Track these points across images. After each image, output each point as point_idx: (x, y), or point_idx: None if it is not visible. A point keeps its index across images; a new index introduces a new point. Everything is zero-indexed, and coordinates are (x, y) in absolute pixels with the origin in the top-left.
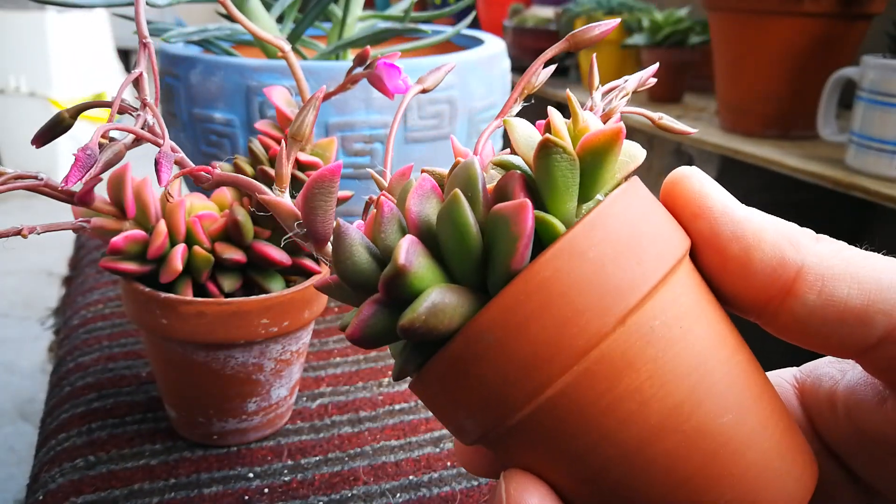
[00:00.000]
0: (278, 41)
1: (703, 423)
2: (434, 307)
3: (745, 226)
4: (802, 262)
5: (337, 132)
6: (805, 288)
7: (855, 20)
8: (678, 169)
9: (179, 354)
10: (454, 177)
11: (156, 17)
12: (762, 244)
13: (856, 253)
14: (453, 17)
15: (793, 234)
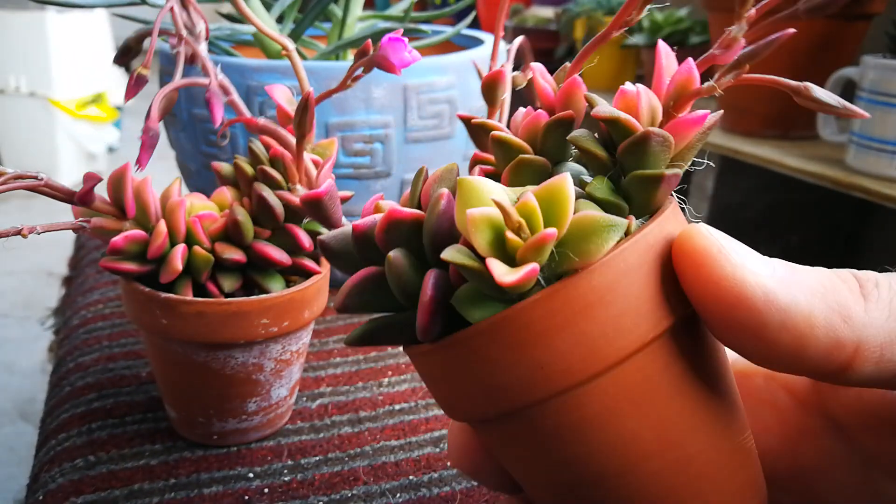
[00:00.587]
0: (283, 40)
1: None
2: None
3: (793, 313)
4: (858, 339)
5: (337, 132)
6: (862, 361)
7: (855, 20)
8: (692, 234)
9: (179, 354)
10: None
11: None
12: (815, 330)
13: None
14: (453, 17)
15: (843, 308)
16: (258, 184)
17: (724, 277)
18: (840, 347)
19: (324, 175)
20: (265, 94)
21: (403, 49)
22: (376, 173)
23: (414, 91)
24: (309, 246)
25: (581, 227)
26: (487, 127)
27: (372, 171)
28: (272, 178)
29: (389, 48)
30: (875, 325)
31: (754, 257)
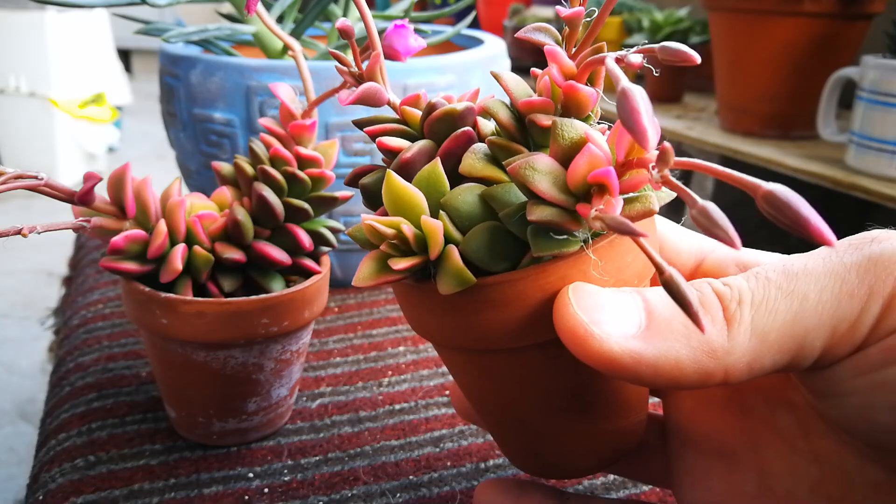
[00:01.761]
0: (290, 41)
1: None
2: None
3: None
4: (725, 367)
5: (337, 132)
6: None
7: (855, 20)
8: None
9: (179, 354)
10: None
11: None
12: (684, 371)
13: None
14: (453, 17)
15: (706, 345)
16: (258, 184)
17: (593, 353)
18: (710, 376)
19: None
20: (265, 94)
21: (408, 36)
22: None
23: (414, 91)
24: (309, 246)
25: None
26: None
27: None
28: (272, 177)
29: (395, 36)
30: (738, 349)
31: (617, 320)
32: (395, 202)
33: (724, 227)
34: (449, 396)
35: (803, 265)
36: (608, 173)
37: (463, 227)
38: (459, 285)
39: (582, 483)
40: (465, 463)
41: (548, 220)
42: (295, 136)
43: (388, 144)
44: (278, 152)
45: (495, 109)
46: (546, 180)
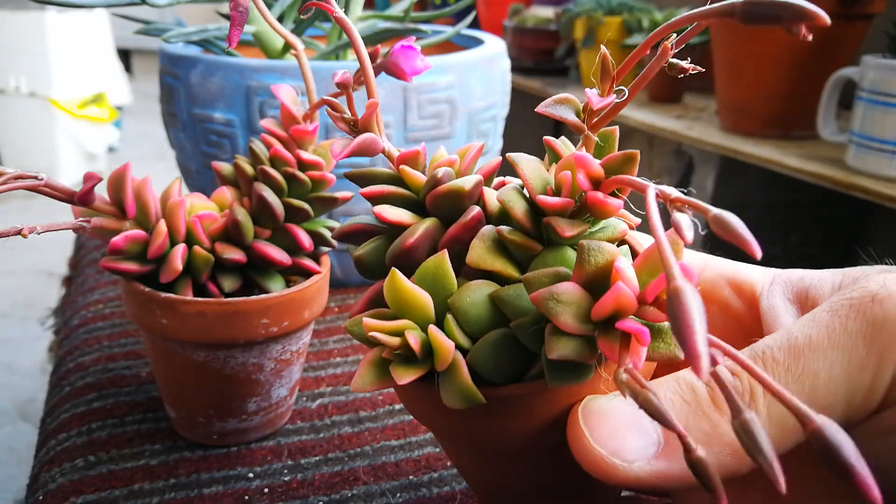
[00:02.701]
0: (293, 40)
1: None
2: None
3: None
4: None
5: (337, 133)
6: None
7: (855, 20)
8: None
9: (179, 354)
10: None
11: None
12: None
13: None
14: (453, 17)
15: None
16: (258, 184)
17: (620, 480)
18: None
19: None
20: (265, 94)
21: (416, 57)
22: None
23: (414, 91)
24: (309, 246)
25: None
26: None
27: None
28: (272, 178)
29: (402, 56)
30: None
31: (635, 444)
32: (399, 303)
33: (743, 236)
34: None
35: (807, 339)
36: (640, 332)
37: (470, 331)
38: (466, 403)
39: None
40: None
41: (569, 356)
42: (296, 139)
43: (388, 218)
44: (278, 153)
45: (511, 205)
46: (569, 313)
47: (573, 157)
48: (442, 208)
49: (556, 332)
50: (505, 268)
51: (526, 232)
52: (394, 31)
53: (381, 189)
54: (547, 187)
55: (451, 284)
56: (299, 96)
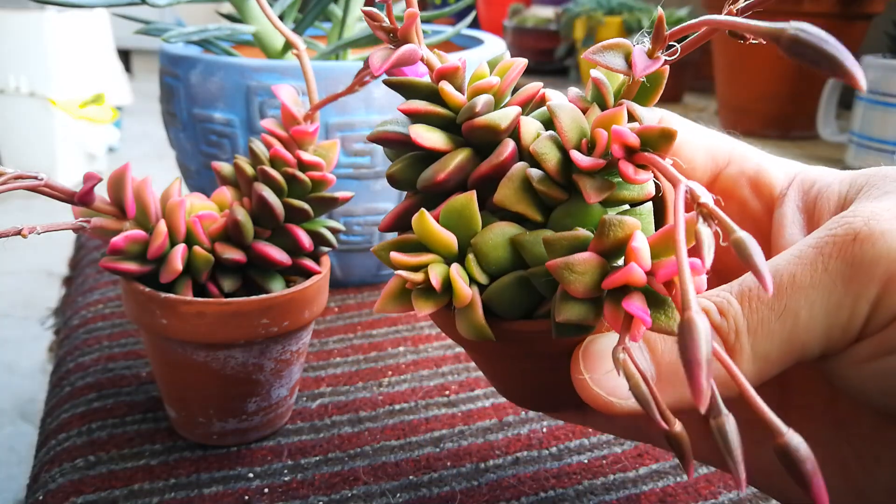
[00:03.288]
0: (295, 39)
1: None
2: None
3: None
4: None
5: (337, 132)
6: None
7: (855, 20)
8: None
9: (179, 354)
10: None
11: (156, 17)
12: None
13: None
14: (453, 17)
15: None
16: (258, 184)
17: (617, 413)
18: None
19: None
20: (265, 94)
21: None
22: (376, 173)
23: None
24: (309, 246)
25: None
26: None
27: (372, 171)
28: (272, 178)
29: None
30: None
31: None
32: (425, 238)
33: (759, 268)
34: (448, 396)
35: (791, 277)
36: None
37: (490, 270)
38: (478, 337)
39: (582, 483)
40: (465, 463)
41: (576, 321)
42: (297, 139)
43: (423, 143)
44: (278, 153)
45: (545, 157)
46: (581, 282)
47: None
48: (477, 139)
49: (566, 298)
50: (530, 211)
51: (555, 182)
52: None
53: (417, 107)
54: (583, 140)
55: (475, 224)
56: (300, 96)
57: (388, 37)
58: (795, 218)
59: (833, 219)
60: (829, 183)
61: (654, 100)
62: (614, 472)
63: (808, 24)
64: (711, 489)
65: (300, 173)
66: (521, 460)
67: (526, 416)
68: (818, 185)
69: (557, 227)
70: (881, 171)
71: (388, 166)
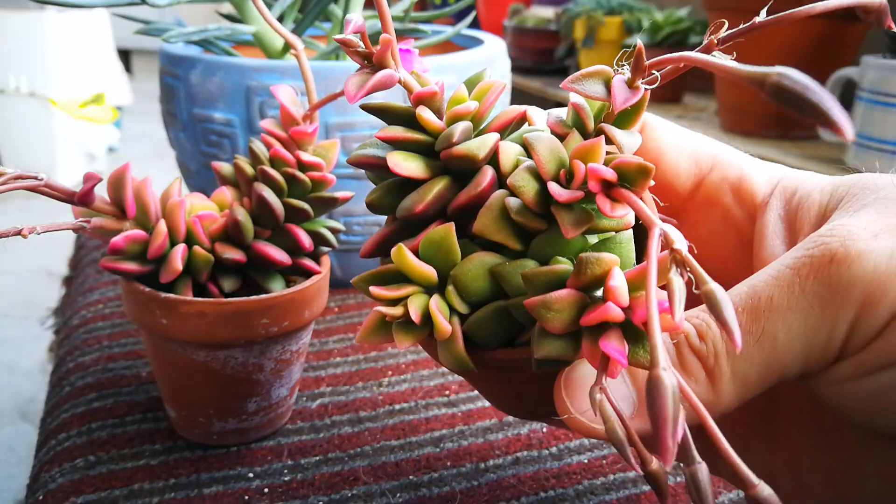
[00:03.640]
0: (293, 39)
1: None
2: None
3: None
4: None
5: (337, 132)
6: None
7: (855, 20)
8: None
9: (179, 354)
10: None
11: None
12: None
13: None
14: (453, 17)
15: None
16: (258, 184)
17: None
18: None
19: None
20: (265, 94)
21: (414, 60)
22: None
23: None
24: (309, 246)
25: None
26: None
27: None
28: (272, 178)
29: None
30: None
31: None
32: (404, 270)
33: (728, 323)
34: (448, 396)
35: (769, 300)
36: (620, 356)
37: (470, 300)
38: (459, 368)
39: (582, 483)
40: (465, 463)
41: (555, 356)
42: (296, 139)
43: (401, 172)
44: (278, 153)
45: (522, 190)
46: (559, 319)
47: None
48: (455, 166)
49: (544, 334)
50: (509, 240)
51: (534, 212)
52: None
53: (395, 134)
54: (561, 171)
55: (455, 256)
56: (298, 96)
57: (364, 61)
58: (777, 228)
59: (810, 237)
60: (810, 192)
61: (635, 123)
62: (614, 472)
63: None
64: (711, 489)
65: (300, 173)
66: (521, 460)
67: None
68: (799, 193)
69: (537, 255)
70: (861, 179)
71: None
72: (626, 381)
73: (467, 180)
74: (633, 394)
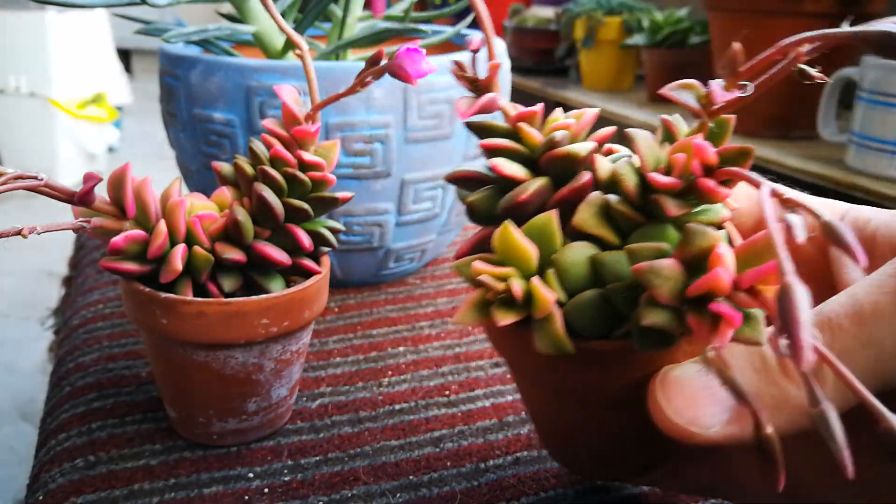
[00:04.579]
0: (298, 39)
1: None
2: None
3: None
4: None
5: (337, 132)
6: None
7: (855, 20)
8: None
9: (179, 354)
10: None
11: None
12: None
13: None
14: (453, 17)
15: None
16: (258, 184)
17: (698, 442)
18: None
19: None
20: (265, 94)
21: (421, 60)
22: (376, 173)
23: (414, 91)
24: (309, 246)
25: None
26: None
27: (372, 171)
28: (272, 178)
29: (407, 58)
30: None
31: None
32: (507, 251)
33: (851, 246)
34: (448, 396)
35: (873, 306)
36: (734, 317)
37: (569, 286)
38: (556, 350)
39: (582, 483)
40: (465, 463)
41: (660, 325)
42: (298, 139)
43: (504, 172)
44: (279, 153)
45: (624, 177)
46: (666, 287)
47: (692, 143)
48: (555, 169)
49: (651, 302)
50: (607, 234)
51: (633, 204)
52: (394, 31)
53: (498, 143)
54: (659, 166)
55: (556, 242)
56: (300, 96)
57: (470, 85)
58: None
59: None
60: (887, 221)
61: (724, 143)
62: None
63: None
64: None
65: (300, 173)
66: (521, 460)
67: (526, 416)
68: (874, 222)
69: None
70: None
71: (389, 166)
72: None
73: (565, 183)
74: (731, 398)
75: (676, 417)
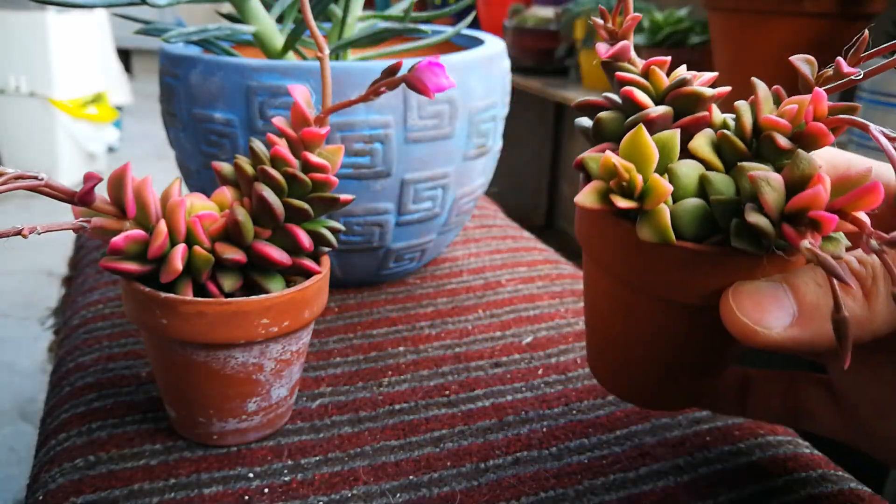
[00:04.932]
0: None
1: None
2: None
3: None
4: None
5: (337, 132)
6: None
7: (855, 20)
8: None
9: (179, 354)
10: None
11: (156, 17)
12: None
13: None
14: (453, 17)
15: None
16: (258, 184)
17: (760, 343)
18: (860, 339)
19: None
20: (265, 94)
21: (441, 74)
22: (376, 173)
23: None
24: (309, 246)
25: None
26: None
27: (372, 171)
28: (272, 177)
29: (427, 72)
30: (879, 317)
31: (775, 315)
32: (634, 150)
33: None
34: (448, 396)
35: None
36: (831, 220)
37: (677, 194)
38: (659, 239)
39: (582, 483)
40: (465, 463)
41: (761, 227)
42: (306, 140)
43: (636, 97)
44: (279, 153)
45: (742, 112)
46: (773, 196)
47: (805, 98)
48: (678, 105)
49: (755, 209)
50: (715, 161)
51: (742, 138)
52: (394, 31)
53: (632, 77)
54: (773, 112)
55: (674, 155)
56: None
57: (608, 35)
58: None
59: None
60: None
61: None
62: (614, 472)
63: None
64: (712, 489)
65: (301, 173)
66: (521, 460)
67: (526, 415)
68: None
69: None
70: None
71: (389, 166)
72: (788, 296)
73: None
74: (794, 306)
75: (744, 317)
